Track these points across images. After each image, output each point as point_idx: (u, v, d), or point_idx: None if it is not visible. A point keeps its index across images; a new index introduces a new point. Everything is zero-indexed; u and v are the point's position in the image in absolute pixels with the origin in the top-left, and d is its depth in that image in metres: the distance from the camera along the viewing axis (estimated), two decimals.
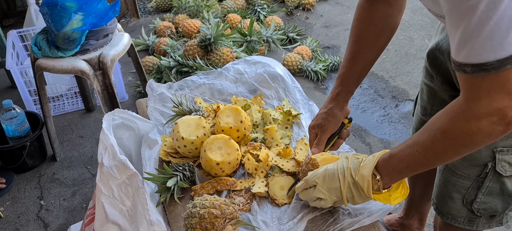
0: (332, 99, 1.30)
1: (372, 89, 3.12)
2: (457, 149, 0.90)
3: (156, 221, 1.10)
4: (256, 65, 1.72)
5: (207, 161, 1.27)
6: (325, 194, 1.09)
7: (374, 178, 1.03)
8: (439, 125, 0.90)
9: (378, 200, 1.06)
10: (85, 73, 2.02)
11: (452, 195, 1.30)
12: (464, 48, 0.79)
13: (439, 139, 0.90)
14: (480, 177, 1.21)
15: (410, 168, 0.99)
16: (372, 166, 1.03)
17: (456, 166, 1.24)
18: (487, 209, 1.26)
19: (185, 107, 1.46)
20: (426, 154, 0.94)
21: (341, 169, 1.08)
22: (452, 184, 1.28)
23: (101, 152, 1.25)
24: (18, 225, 2.11)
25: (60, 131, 2.71)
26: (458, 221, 1.34)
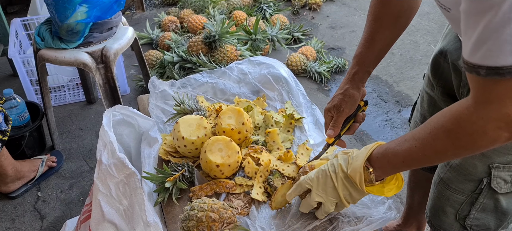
0: (348, 80, 1.24)
1: (376, 93, 3.10)
2: (458, 150, 0.87)
3: (152, 222, 1.08)
4: (260, 66, 1.70)
5: (207, 162, 1.26)
6: (322, 197, 1.08)
7: (366, 170, 1.01)
8: (443, 123, 0.87)
9: (372, 192, 1.04)
10: (87, 66, 2.00)
11: (445, 209, 1.28)
12: (480, 49, 0.76)
13: (441, 138, 0.87)
14: (474, 193, 1.19)
15: (406, 164, 0.96)
16: (364, 158, 1.01)
17: (450, 179, 1.22)
18: (480, 226, 1.24)
19: (187, 106, 1.45)
20: (425, 151, 0.91)
21: (332, 166, 1.07)
22: (445, 197, 1.26)
23: (100, 148, 1.23)
24: (14, 215, 2.10)
25: (60, 122, 2.69)
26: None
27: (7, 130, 1.96)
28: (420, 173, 1.61)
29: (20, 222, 2.06)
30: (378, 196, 1.23)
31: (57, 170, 2.33)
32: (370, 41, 1.22)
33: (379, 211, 1.18)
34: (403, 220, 1.87)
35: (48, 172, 2.29)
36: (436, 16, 3.96)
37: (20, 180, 2.17)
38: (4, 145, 1.97)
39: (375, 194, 1.06)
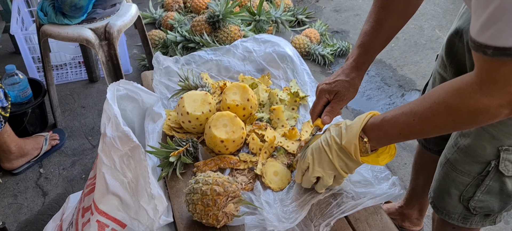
0: (355, 68, 1.20)
1: (379, 77, 3.08)
2: (458, 125, 0.88)
3: (157, 195, 1.08)
4: (265, 44, 1.68)
5: (211, 138, 1.25)
6: (320, 171, 1.08)
7: (361, 141, 1.00)
8: (445, 99, 0.87)
9: (366, 162, 1.04)
10: (90, 43, 1.98)
11: (449, 191, 1.27)
12: (490, 29, 0.75)
13: (441, 113, 0.87)
14: (481, 175, 1.18)
15: (402, 136, 0.96)
16: (359, 128, 1.00)
17: (457, 161, 1.21)
18: (483, 208, 1.24)
19: (191, 82, 1.43)
20: (423, 125, 0.91)
21: (325, 140, 1.07)
22: (451, 179, 1.25)
23: (105, 122, 1.22)
24: (16, 191, 2.10)
25: (62, 100, 2.68)
26: (452, 218, 1.32)
27: (8, 106, 1.95)
28: (427, 155, 1.61)
29: (23, 198, 2.07)
30: (381, 173, 1.23)
31: (59, 148, 2.33)
32: (377, 29, 1.19)
33: (382, 187, 1.18)
34: (405, 202, 1.87)
35: (50, 150, 2.29)
36: (442, 0, 3.92)
37: (24, 158, 2.17)
38: (6, 121, 1.97)
39: (369, 164, 1.05)
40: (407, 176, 2.25)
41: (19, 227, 1.93)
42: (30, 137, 2.27)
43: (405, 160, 2.35)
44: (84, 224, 1.19)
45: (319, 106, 1.22)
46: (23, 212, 2.00)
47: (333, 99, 1.20)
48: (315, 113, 1.23)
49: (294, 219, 1.08)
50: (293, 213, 1.10)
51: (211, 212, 1.03)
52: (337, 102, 1.20)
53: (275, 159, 1.27)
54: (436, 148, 1.53)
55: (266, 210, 1.09)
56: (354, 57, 1.21)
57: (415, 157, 1.72)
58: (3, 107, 1.92)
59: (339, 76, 1.21)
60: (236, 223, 1.10)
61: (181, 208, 1.14)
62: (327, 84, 1.21)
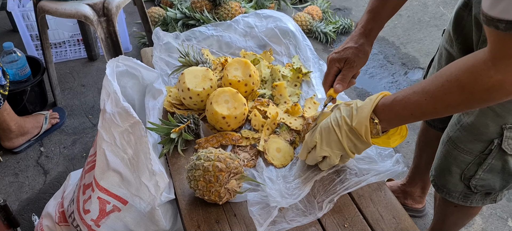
0: (363, 35, 1.18)
1: (382, 55, 3.04)
2: (471, 104, 0.85)
3: (158, 171, 1.06)
4: (267, 20, 1.65)
5: (213, 114, 1.23)
6: (327, 151, 1.06)
7: (372, 122, 0.98)
8: (457, 77, 0.84)
9: (377, 144, 1.02)
10: (88, 19, 1.95)
11: (451, 169, 1.26)
12: (502, 2, 0.72)
13: (454, 92, 0.84)
14: (483, 153, 1.17)
15: (414, 116, 0.93)
16: (370, 109, 0.98)
17: (460, 139, 1.20)
18: (485, 186, 1.23)
19: (192, 58, 1.41)
20: (435, 104, 0.88)
21: (335, 120, 1.04)
22: (453, 157, 1.24)
23: (104, 98, 1.20)
24: (18, 170, 2.09)
25: (61, 79, 2.66)
26: (453, 196, 1.31)
27: (6, 84, 1.93)
28: (431, 132, 1.59)
29: (24, 177, 2.06)
30: (385, 150, 1.21)
31: (59, 126, 2.32)
32: None
33: (386, 164, 1.17)
34: (408, 179, 1.87)
35: (51, 129, 2.27)
36: None
37: (24, 136, 2.16)
38: (5, 99, 1.94)
39: (380, 145, 1.03)
40: (410, 154, 2.24)
41: (20, 205, 1.93)
42: (30, 115, 2.25)
43: (408, 139, 2.33)
44: (85, 201, 1.18)
45: (330, 76, 1.20)
46: (24, 191, 2.00)
47: (343, 67, 1.18)
48: (327, 83, 1.21)
49: (297, 195, 1.06)
50: (296, 190, 1.09)
51: (213, 188, 1.01)
52: (348, 70, 1.17)
53: (278, 136, 1.25)
54: (441, 125, 1.51)
55: (268, 186, 1.07)
56: (363, 23, 1.19)
57: (419, 134, 1.70)
58: (1, 85, 1.89)
59: (348, 43, 1.18)
60: (239, 199, 1.09)
61: (183, 185, 1.13)
62: (337, 53, 1.19)
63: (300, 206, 1.06)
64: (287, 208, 1.06)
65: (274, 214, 1.02)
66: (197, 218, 1.05)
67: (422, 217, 1.94)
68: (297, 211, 1.06)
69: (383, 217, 1.06)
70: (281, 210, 1.06)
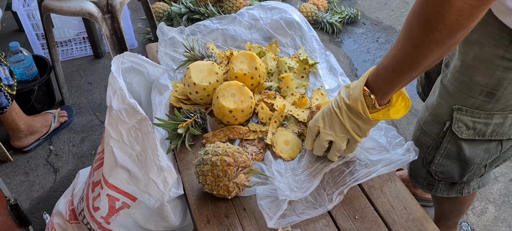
0: None
1: (389, 44, 3.01)
2: (432, 35, 0.78)
3: (166, 167, 1.06)
4: (272, 11, 1.63)
5: (220, 108, 1.22)
6: (331, 134, 1.05)
7: (367, 97, 0.96)
8: (414, 9, 0.79)
9: (378, 118, 1.00)
10: (93, 16, 1.94)
11: None
12: None
13: (413, 26, 0.80)
14: (439, 137, 1.17)
15: (396, 73, 0.89)
16: (361, 84, 0.96)
17: (423, 120, 1.21)
18: (444, 173, 1.22)
19: (197, 52, 1.40)
20: (406, 49, 0.84)
21: (335, 102, 1.03)
22: (417, 139, 1.24)
23: (110, 95, 1.20)
24: (28, 169, 2.11)
25: (68, 77, 2.66)
26: (419, 182, 1.31)
27: (14, 84, 1.93)
28: None
29: (34, 175, 2.07)
30: (396, 138, 1.19)
31: (68, 125, 2.33)
32: None
33: (397, 153, 1.15)
34: None
35: (59, 127, 2.28)
36: None
37: (33, 135, 2.17)
38: (13, 99, 1.95)
39: (381, 119, 1.01)
40: None
41: (32, 204, 1.94)
42: (38, 114, 2.26)
43: None
44: (94, 198, 1.18)
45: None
46: (35, 189, 2.01)
47: None
48: None
49: (306, 189, 1.05)
50: (305, 182, 1.08)
51: (222, 183, 1.01)
52: None
53: (286, 128, 1.24)
54: None
55: (277, 179, 1.06)
56: None
57: None
58: (9, 85, 1.90)
59: None
60: (248, 193, 1.08)
61: (191, 180, 1.12)
62: None
63: (310, 199, 1.06)
64: (297, 201, 1.05)
65: (283, 207, 1.01)
66: (206, 213, 1.05)
67: (432, 206, 1.92)
68: (307, 204, 1.05)
69: (394, 208, 1.05)
70: (291, 203, 1.05)
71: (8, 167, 2.11)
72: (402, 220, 1.02)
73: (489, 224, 1.86)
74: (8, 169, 2.10)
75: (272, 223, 0.99)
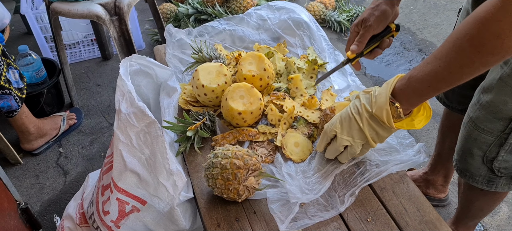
0: None
1: (398, 41, 2.98)
2: (485, 58, 0.79)
3: (176, 171, 1.05)
4: (280, 11, 1.62)
5: (229, 110, 1.21)
6: (349, 140, 1.03)
7: (392, 106, 0.95)
8: (466, 31, 0.79)
9: (401, 128, 0.98)
10: (101, 19, 1.95)
11: (472, 151, 1.22)
12: None
13: (465, 48, 0.79)
14: (504, 133, 1.13)
15: (432, 87, 0.88)
16: (388, 93, 0.94)
17: (479, 118, 1.16)
18: (508, 169, 1.19)
19: (205, 54, 1.39)
20: (450, 67, 0.83)
21: (355, 108, 1.01)
22: (473, 138, 1.20)
23: (119, 98, 1.19)
24: (38, 171, 2.12)
25: (77, 79, 2.67)
26: (477, 180, 1.27)
27: (23, 87, 1.94)
28: (454, 116, 1.55)
29: (44, 178, 2.08)
30: (406, 139, 1.18)
31: (77, 127, 2.34)
32: None
33: (407, 154, 1.13)
34: (430, 168, 1.83)
35: (68, 129, 2.29)
36: None
37: (43, 138, 2.18)
38: (23, 102, 1.96)
39: (405, 129, 0.99)
40: (430, 142, 2.19)
41: (42, 206, 1.95)
42: (47, 117, 2.27)
43: (429, 126, 2.28)
44: (104, 202, 1.18)
45: (350, 41, 1.17)
46: (45, 192, 2.02)
47: (361, 28, 1.14)
48: (348, 47, 1.18)
49: (317, 191, 1.04)
50: (316, 184, 1.06)
51: (232, 186, 1.00)
52: (365, 30, 1.13)
53: (295, 130, 1.23)
54: (459, 106, 1.48)
55: (288, 182, 1.05)
56: None
57: (441, 119, 1.66)
58: (19, 88, 1.91)
59: (369, 6, 1.15)
60: (258, 197, 1.07)
61: (201, 183, 1.12)
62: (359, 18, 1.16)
63: (322, 201, 1.04)
64: (308, 203, 1.04)
65: (295, 210, 1.00)
66: (216, 217, 1.04)
67: (445, 206, 1.90)
68: (319, 206, 1.03)
69: (407, 210, 1.04)
70: (302, 205, 1.04)
71: (19, 170, 2.12)
72: (415, 223, 1.01)
73: (502, 224, 1.83)
74: (19, 172, 2.11)
75: (284, 227, 0.98)
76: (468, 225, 1.59)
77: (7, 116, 1.94)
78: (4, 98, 1.85)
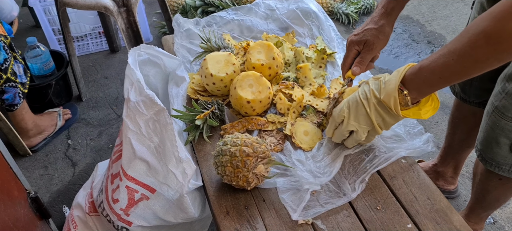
0: (384, 15, 1.14)
1: (407, 33, 2.96)
2: (500, 55, 0.80)
3: (185, 158, 1.05)
4: (288, 1, 1.61)
5: (237, 99, 1.21)
6: (355, 125, 1.02)
7: (401, 93, 0.94)
8: (483, 28, 0.79)
9: (408, 116, 0.98)
10: (108, 10, 1.95)
11: (499, 140, 1.21)
12: None
13: (481, 45, 0.80)
14: None
15: (443, 79, 0.89)
16: (397, 80, 0.94)
17: (506, 107, 1.15)
18: None
19: (214, 43, 1.38)
20: (464, 62, 0.83)
21: (363, 93, 1.00)
22: (500, 127, 1.19)
23: (127, 87, 1.19)
24: (47, 163, 2.13)
25: (85, 71, 2.68)
26: (503, 169, 1.26)
27: (26, 82, 1.94)
28: (465, 108, 1.53)
29: (53, 169, 2.10)
30: (414, 128, 1.17)
31: (73, 123, 2.33)
32: None
33: (415, 143, 1.13)
34: (440, 159, 1.81)
35: (65, 125, 2.29)
36: None
37: (41, 134, 2.17)
38: (25, 97, 1.96)
39: (411, 117, 0.99)
40: (439, 134, 2.17)
41: (51, 197, 1.96)
42: (44, 113, 2.26)
43: (437, 118, 2.27)
44: (113, 190, 1.18)
45: (349, 59, 1.18)
46: (54, 183, 2.03)
47: (362, 50, 1.15)
48: (346, 66, 1.18)
49: (329, 173, 1.04)
50: (327, 167, 1.06)
51: (241, 174, 1.00)
52: (367, 52, 1.14)
53: (305, 118, 1.22)
54: (477, 99, 1.46)
55: (299, 168, 1.05)
56: (383, 3, 1.15)
57: (452, 111, 1.64)
58: (22, 83, 1.91)
59: (368, 25, 1.15)
60: (267, 185, 1.06)
61: (210, 171, 1.12)
62: (356, 35, 1.16)
63: (333, 188, 1.04)
64: (320, 191, 1.03)
65: (306, 198, 1.00)
66: (225, 205, 1.04)
67: (454, 198, 1.88)
68: (330, 193, 1.03)
69: (417, 199, 1.03)
70: (313, 193, 1.03)
71: (28, 161, 2.13)
72: (426, 211, 1.00)
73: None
74: (28, 163, 2.12)
75: (297, 215, 0.98)
76: (480, 216, 1.58)
77: (8, 110, 1.94)
78: (9, 91, 1.86)
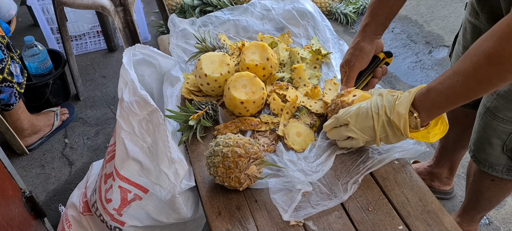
0: (359, 32, 1.19)
1: (405, 34, 2.96)
2: (503, 75, 0.80)
3: (177, 159, 1.05)
4: (284, 1, 1.61)
5: (231, 99, 1.21)
6: (357, 133, 1.02)
7: (411, 115, 0.94)
8: (484, 49, 0.79)
9: (416, 138, 0.98)
10: (105, 9, 1.95)
11: (491, 141, 1.21)
12: None
13: (483, 65, 0.80)
14: None
15: (450, 101, 0.89)
16: (408, 102, 0.94)
17: (498, 108, 1.15)
18: None
19: (209, 44, 1.38)
20: (468, 83, 0.84)
21: (375, 106, 1.00)
22: (492, 128, 1.19)
23: (121, 87, 1.20)
24: (44, 162, 2.13)
25: (82, 70, 2.69)
26: (496, 170, 1.27)
27: (23, 82, 1.95)
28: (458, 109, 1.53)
29: (50, 168, 2.10)
30: None
31: (70, 122, 2.33)
32: None
33: (407, 143, 1.13)
34: (435, 160, 1.81)
35: (62, 125, 2.29)
36: None
37: (37, 134, 2.18)
38: (21, 97, 1.96)
39: (419, 140, 1.00)
40: None
41: (48, 196, 1.97)
42: (40, 113, 2.27)
43: None
44: (106, 190, 1.18)
45: (342, 80, 1.24)
46: (51, 182, 2.04)
47: (347, 69, 1.21)
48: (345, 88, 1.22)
49: (321, 171, 1.04)
50: (320, 166, 1.06)
51: (233, 175, 1.00)
52: (350, 70, 1.19)
53: (297, 120, 1.22)
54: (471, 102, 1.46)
55: (290, 168, 1.05)
56: (362, 21, 1.20)
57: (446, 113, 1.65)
58: (19, 83, 1.91)
59: (350, 45, 1.22)
60: (260, 186, 1.07)
61: (203, 172, 1.12)
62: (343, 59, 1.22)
63: (324, 190, 1.04)
64: (311, 192, 1.03)
65: (297, 199, 1.00)
66: (218, 205, 1.04)
67: (450, 199, 1.88)
68: (322, 195, 1.03)
69: (409, 200, 1.03)
70: (305, 194, 1.03)
71: (25, 160, 2.14)
72: (417, 213, 1.00)
73: (507, 217, 1.81)
74: (25, 162, 2.13)
75: (288, 216, 0.98)
76: (474, 218, 1.58)
77: (3, 109, 1.94)
78: (5, 91, 1.86)
